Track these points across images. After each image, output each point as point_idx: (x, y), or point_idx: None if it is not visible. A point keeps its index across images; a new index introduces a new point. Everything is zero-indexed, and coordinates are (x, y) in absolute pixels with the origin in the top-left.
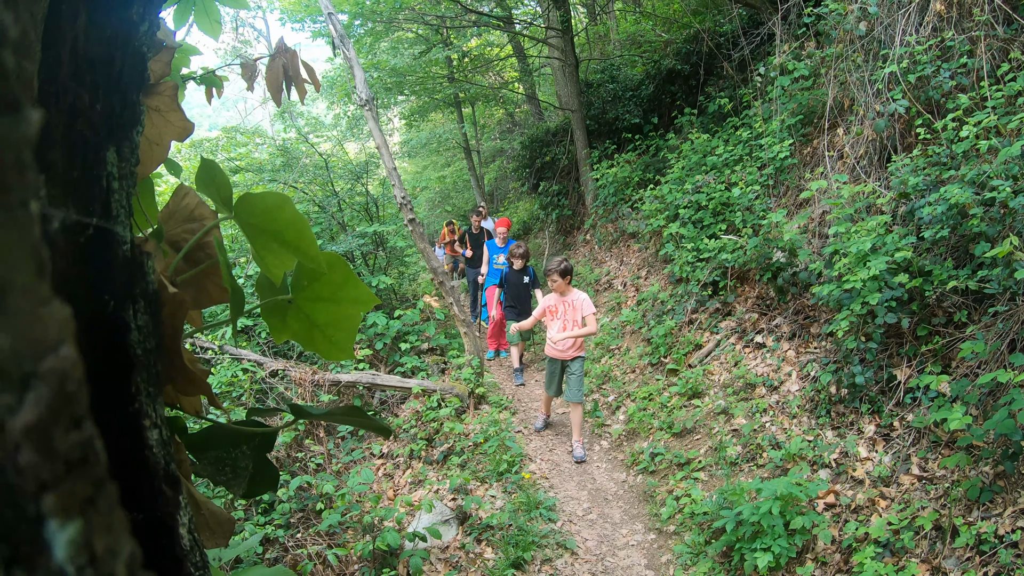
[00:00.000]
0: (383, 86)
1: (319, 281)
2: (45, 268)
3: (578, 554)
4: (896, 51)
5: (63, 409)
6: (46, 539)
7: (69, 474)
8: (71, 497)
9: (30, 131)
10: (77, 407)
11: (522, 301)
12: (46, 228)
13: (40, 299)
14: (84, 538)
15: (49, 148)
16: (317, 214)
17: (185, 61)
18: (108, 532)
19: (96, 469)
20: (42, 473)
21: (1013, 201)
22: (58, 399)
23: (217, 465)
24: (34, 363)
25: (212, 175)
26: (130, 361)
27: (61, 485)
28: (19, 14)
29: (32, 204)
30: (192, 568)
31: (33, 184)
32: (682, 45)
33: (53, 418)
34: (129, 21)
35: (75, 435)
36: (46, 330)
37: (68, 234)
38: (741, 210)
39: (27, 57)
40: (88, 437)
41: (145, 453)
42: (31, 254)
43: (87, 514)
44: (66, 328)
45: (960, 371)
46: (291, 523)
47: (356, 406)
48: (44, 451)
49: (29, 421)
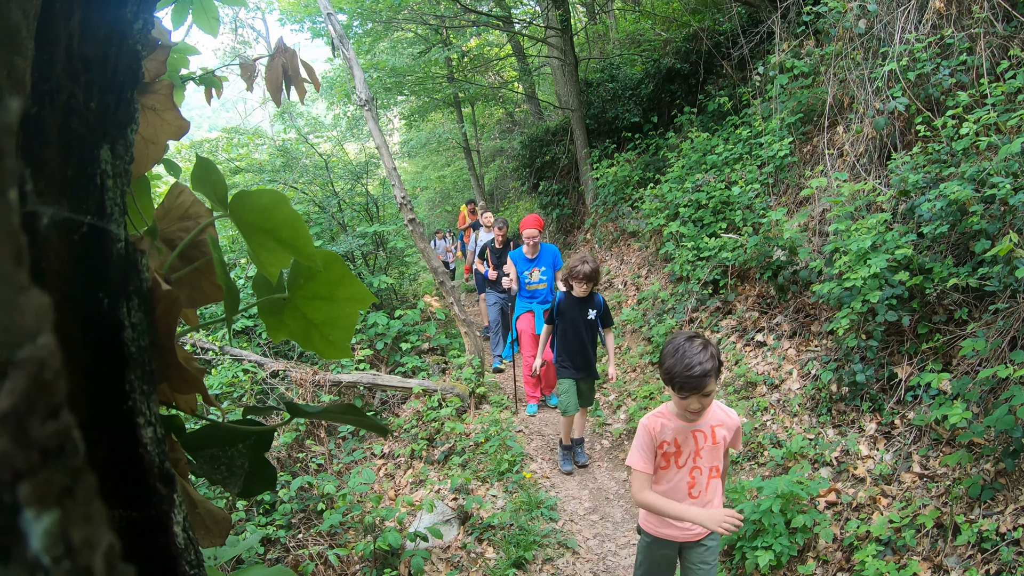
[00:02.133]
0: (383, 86)
1: (315, 279)
2: (23, 256)
3: (579, 553)
4: (896, 49)
5: (40, 398)
6: (22, 528)
7: (45, 463)
8: (47, 487)
9: (9, 119)
10: (55, 396)
11: (584, 349)
12: (37, 224)
13: (18, 287)
14: (60, 528)
15: (43, 146)
16: (317, 214)
17: (184, 62)
18: (86, 523)
19: (74, 459)
20: (17, 461)
21: (1013, 198)
22: (35, 388)
23: (213, 463)
24: (10, 351)
25: (207, 173)
26: (124, 359)
27: (37, 474)
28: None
29: (11, 192)
30: (187, 566)
31: (11, 171)
32: (681, 44)
33: (29, 406)
34: (123, 19)
35: (52, 424)
36: (24, 318)
37: (62, 231)
38: (741, 208)
39: (18, 53)
40: (66, 427)
41: (139, 451)
42: (8, 241)
43: (64, 504)
44: (44, 316)
45: (961, 369)
46: (292, 523)
47: (353, 405)
48: (20, 439)
49: (4, 408)
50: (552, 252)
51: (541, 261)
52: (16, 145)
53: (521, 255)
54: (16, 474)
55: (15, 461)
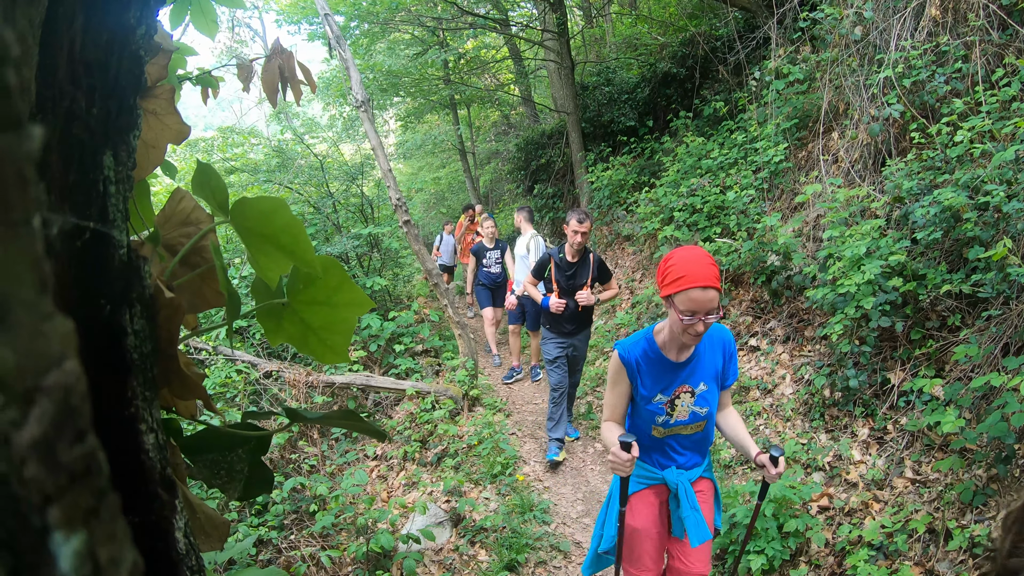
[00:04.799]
0: (379, 87)
1: (314, 285)
2: (47, 283)
3: (572, 556)
4: (891, 56)
5: (67, 423)
6: (51, 551)
7: (73, 486)
8: (75, 509)
9: (32, 147)
10: (80, 420)
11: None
12: (47, 232)
13: (43, 314)
14: (88, 549)
15: (46, 152)
16: (312, 215)
17: (181, 62)
18: (111, 542)
19: (99, 480)
20: (47, 486)
21: (1007, 205)
22: (62, 413)
23: (212, 468)
24: (38, 378)
25: (208, 179)
26: (126, 365)
27: (65, 497)
28: (18, 27)
29: (35, 220)
30: (188, 572)
31: (36, 199)
32: (678, 48)
33: (57, 432)
34: (126, 24)
35: (78, 448)
36: (49, 345)
37: (65, 238)
38: (736, 213)
39: (25, 63)
40: (91, 449)
41: (141, 457)
42: (33, 269)
43: (90, 525)
44: (69, 342)
45: (953, 375)
46: (285, 525)
47: (351, 410)
48: (48, 464)
49: (34, 435)
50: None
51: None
52: (37, 171)
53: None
54: (46, 498)
55: (45, 485)
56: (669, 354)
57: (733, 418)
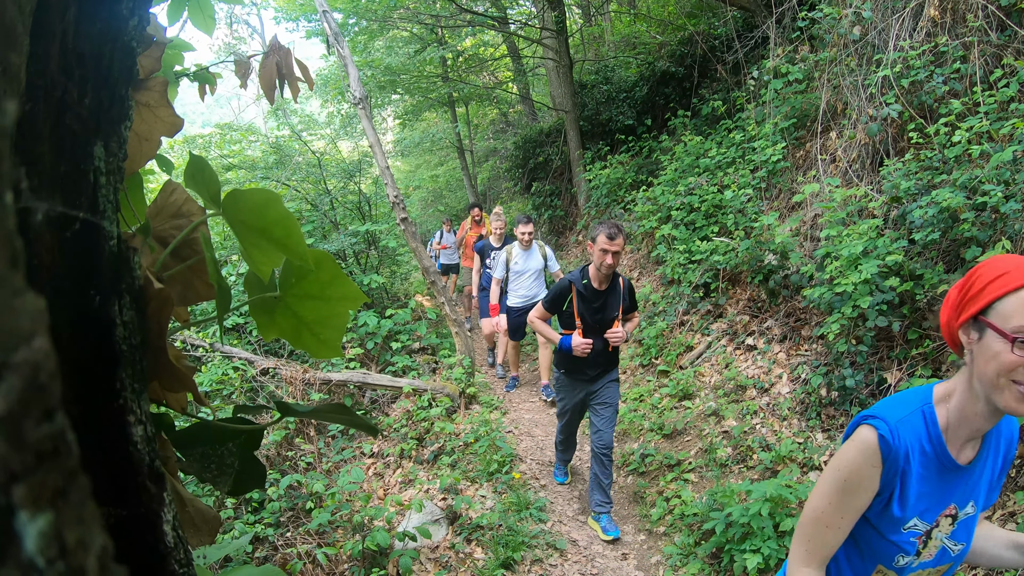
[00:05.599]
0: (377, 85)
1: (307, 278)
2: (19, 259)
3: (568, 555)
4: (890, 56)
5: (35, 400)
6: (16, 531)
7: (40, 466)
8: (42, 488)
9: (5, 122)
10: (49, 399)
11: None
12: (30, 220)
13: (13, 290)
14: (55, 530)
15: (36, 142)
16: (310, 212)
17: (179, 58)
18: (79, 524)
19: (68, 461)
20: (12, 464)
21: (1005, 206)
22: (30, 390)
23: (203, 462)
24: (5, 354)
25: (200, 171)
26: (115, 357)
27: (31, 476)
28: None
29: (7, 195)
30: (176, 565)
31: (7, 175)
32: (676, 47)
33: (24, 409)
34: (119, 15)
35: (47, 427)
36: (19, 321)
37: (54, 227)
38: (733, 212)
39: (14, 49)
40: (60, 429)
41: (129, 449)
42: (4, 244)
43: (58, 506)
44: (39, 319)
45: (950, 375)
46: (281, 522)
47: (343, 404)
48: (14, 442)
49: (0, 412)
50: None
51: None
52: (11, 146)
53: None
54: (11, 476)
55: (10, 463)
56: (952, 446)
57: (985, 527)
